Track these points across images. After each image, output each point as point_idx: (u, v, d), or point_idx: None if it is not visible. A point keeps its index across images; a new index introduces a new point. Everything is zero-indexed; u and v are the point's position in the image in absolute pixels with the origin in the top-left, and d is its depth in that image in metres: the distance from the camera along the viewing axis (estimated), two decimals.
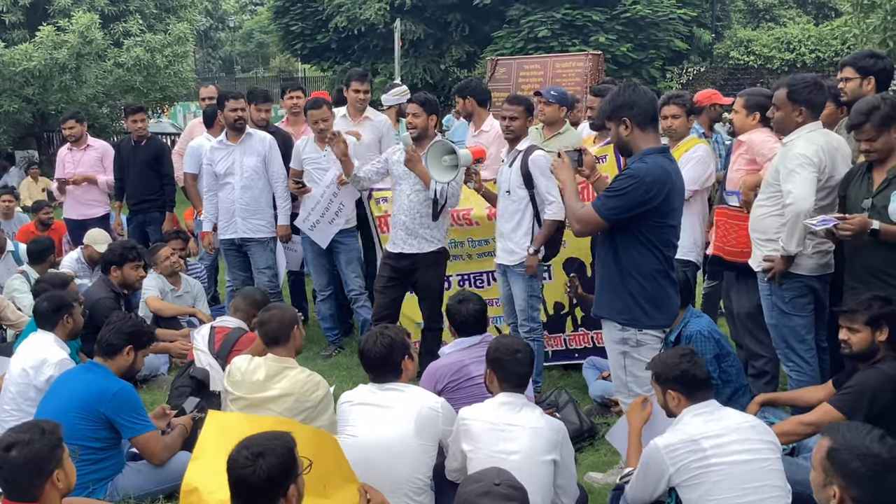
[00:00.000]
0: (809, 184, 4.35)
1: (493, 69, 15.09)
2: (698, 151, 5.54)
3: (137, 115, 8.03)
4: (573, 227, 4.07)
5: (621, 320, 3.96)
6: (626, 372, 4.01)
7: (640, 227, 3.86)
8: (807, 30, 23.12)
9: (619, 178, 3.88)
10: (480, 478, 2.64)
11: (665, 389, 3.54)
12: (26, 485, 2.97)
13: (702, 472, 3.25)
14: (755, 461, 3.25)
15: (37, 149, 18.44)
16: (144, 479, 4.16)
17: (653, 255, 3.90)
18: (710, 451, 3.27)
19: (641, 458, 3.49)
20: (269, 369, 4.12)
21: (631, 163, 3.91)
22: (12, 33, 16.90)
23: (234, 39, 39.29)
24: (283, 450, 2.77)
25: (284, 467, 2.75)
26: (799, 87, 4.48)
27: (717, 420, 3.37)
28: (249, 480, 2.71)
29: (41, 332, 4.73)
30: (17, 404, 4.44)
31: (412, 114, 5.63)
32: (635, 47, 19.27)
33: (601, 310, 4.10)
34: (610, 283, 3.99)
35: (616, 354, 4.04)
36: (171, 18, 18.63)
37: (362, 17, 20.25)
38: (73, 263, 7.51)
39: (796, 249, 4.42)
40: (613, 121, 3.95)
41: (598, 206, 3.85)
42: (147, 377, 6.00)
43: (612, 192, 3.84)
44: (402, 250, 5.69)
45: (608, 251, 4.00)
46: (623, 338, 3.97)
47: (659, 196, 3.80)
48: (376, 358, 3.86)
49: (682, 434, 3.35)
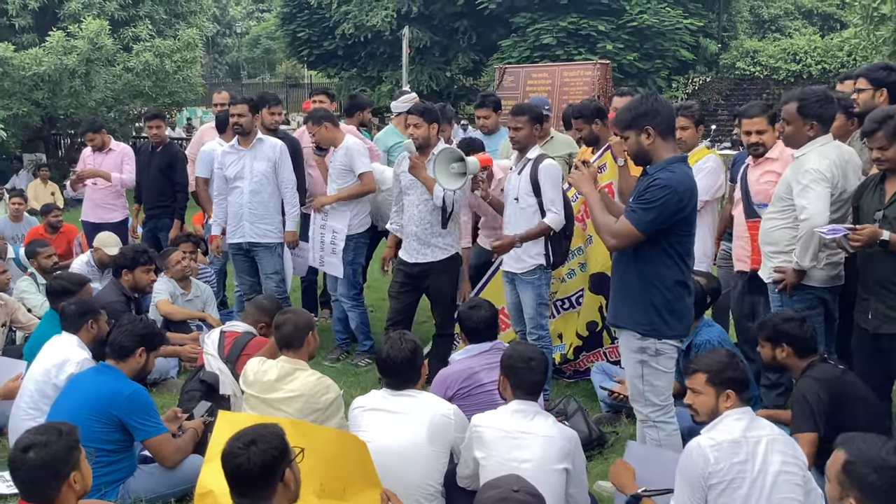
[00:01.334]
0: (824, 199, 4.37)
1: (500, 77, 15.14)
2: (709, 162, 5.56)
3: (153, 122, 8.07)
4: (608, 242, 3.97)
5: (642, 330, 3.94)
6: (644, 381, 4.00)
7: (667, 238, 3.85)
8: (813, 41, 23.17)
9: (650, 190, 3.81)
10: (499, 484, 2.65)
11: (723, 390, 3.45)
12: (43, 486, 2.97)
13: (739, 477, 3.22)
14: (785, 473, 3.23)
15: (45, 152, 18.50)
16: (156, 482, 4.17)
17: (676, 266, 3.90)
18: (749, 455, 3.24)
19: (679, 465, 3.40)
20: (280, 370, 4.15)
21: (653, 172, 3.87)
22: (22, 37, 17.00)
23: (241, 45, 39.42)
24: (273, 436, 2.81)
25: (276, 452, 2.78)
26: (810, 101, 4.49)
27: (757, 428, 3.34)
28: (244, 468, 2.75)
29: (65, 334, 4.76)
30: (34, 402, 4.45)
31: (413, 124, 5.64)
32: (641, 57, 19.35)
33: (619, 320, 4.07)
34: (631, 294, 3.97)
35: (634, 363, 4.01)
36: (181, 24, 18.73)
37: (369, 24, 20.35)
38: (83, 266, 7.53)
39: (810, 265, 4.44)
40: (633, 129, 3.90)
41: (635, 220, 3.80)
42: (157, 380, 6.01)
43: (646, 204, 3.78)
44: (417, 260, 5.72)
45: (628, 261, 3.96)
46: (642, 347, 3.95)
47: (690, 205, 3.83)
48: (400, 364, 3.85)
49: (726, 433, 3.31)
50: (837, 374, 4.08)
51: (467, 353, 4.59)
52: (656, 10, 19.39)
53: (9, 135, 14.85)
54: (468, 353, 4.59)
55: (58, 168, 17.71)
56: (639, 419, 4.13)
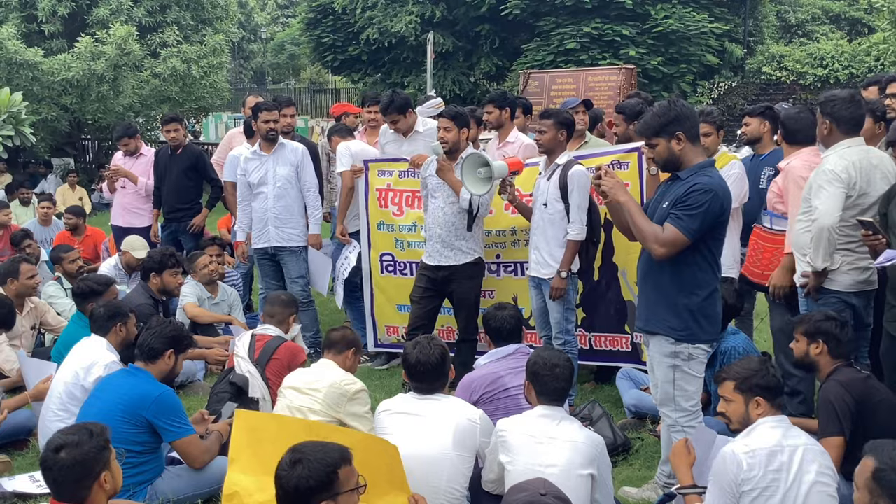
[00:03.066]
0: (835, 200, 4.35)
1: (525, 82, 15.14)
2: (735, 168, 5.53)
3: (170, 126, 8.12)
4: (656, 252, 3.86)
5: (677, 336, 3.92)
6: (675, 386, 3.98)
7: (705, 242, 3.87)
8: (840, 46, 22.94)
9: (692, 195, 3.78)
10: (526, 487, 2.66)
11: (751, 397, 3.45)
12: (74, 486, 3.01)
13: (773, 486, 3.21)
14: (819, 484, 3.22)
15: (73, 156, 18.73)
16: (185, 484, 4.21)
17: (710, 270, 3.92)
18: (783, 464, 3.23)
19: (713, 470, 3.40)
20: (316, 364, 4.49)
21: (688, 176, 3.86)
22: (51, 43, 17.22)
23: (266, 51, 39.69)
24: (319, 465, 2.79)
25: (314, 482, 2.77)
26: (829, 100, 4.53)
27: (793, 437, 3.33)
28: (282, 484, 2.82)
29: (94, 336, 4.82)
30: (62, 404, 4.51)
31: (443, 128, 5.63)
32: (666, 61, 19.23)
33: (652, 325, 4.03)
34: (666, 299, 3.94)
35: (665, 368, 3.99)
36: (208, 30, 18.88)
37: (393, 30, 20.41)
38: (111, 270, 7.61)
39: (823, 265, 4.41)
40: (663, 136, 3.88)
41: (683, 227, 3.77)
42: (184, 383, 6.06)
43: (691, 210, 3.76)
44: (440, 263, 5.72)
45: (662, 267, 3.93)
46: (675, 352, 3.94)
47: (728, 209, 3.86)
48: (430, 368, 3.85)
49: (761, 441, 3.30)
50: (861, 379, 4.04)
51: (492, 357, 4.59)
52: (681, 15, 19.26)
53: (38, 139, 15.04)
54: (492, 357, 4.59)
55: (86, 172, 17.92)
56: (666, 424, 4.11)
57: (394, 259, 6.56)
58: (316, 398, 4.26)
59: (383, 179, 6.48)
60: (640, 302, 4.17)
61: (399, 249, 6.53)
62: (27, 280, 6.28)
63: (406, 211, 6.47)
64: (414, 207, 6.42)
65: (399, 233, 6.52)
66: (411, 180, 6.38)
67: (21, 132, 12.83)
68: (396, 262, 6.56)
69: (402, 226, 6.50)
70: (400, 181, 6.46)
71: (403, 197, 6.47)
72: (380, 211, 6.52)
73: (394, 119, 6.47)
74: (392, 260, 6.57)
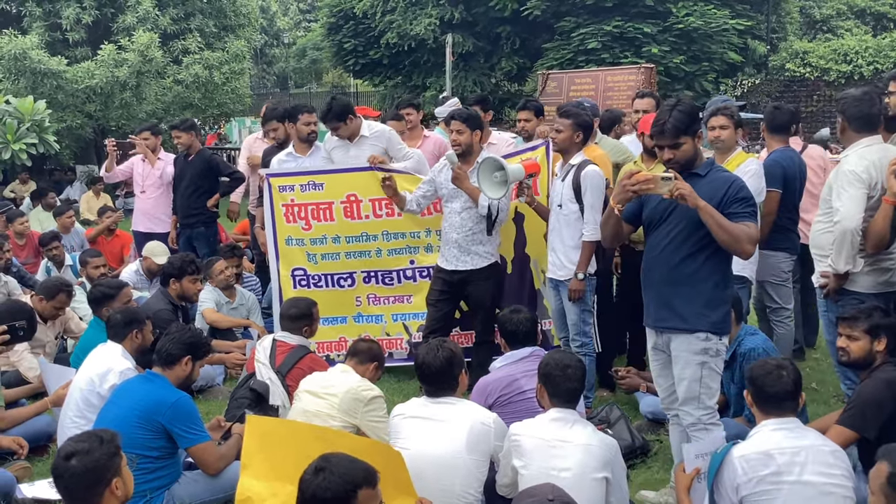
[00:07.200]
0: (856, 202, 4.31)
1: (544, 83, 15.09)
2: (752, 165, 5.44)
3: (174, 132, 8.25)
4: (749, 251, 3.82)
5: (716, 330, 3.88)
6: (702, 384, 3.90)
7: None
8: (864, 41, 22.66)
9: (743, 188, 3.83)
10: (535, 493, 2.65)
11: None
12: (86, 493, 3.02)
13: (773, 489, 3.18)
14: (829, 485, 3.17)
15: (97, 163, 18.93)
16: (201, 489, 4.22)
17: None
18: (783, 467, 3.20)
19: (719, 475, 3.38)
20: (334, 368, 4.54)
21: (716, 172, 3.92)
22: (75, 51, 17.42)
23: (289, 56, 39.84)
24: (340, 480, 2.81)
25: (330, 495, 2.79)
26: (842, 97, 4.53)
27: (796, 438, 3.30)
28: (302, 489, 2.85)
29: (110, 343, 4.85)
30: (79, 410, 4.54)
31: (456, 130, 5.58)
32: (688, 59, 19.03)
33: (690, 323, 3.89)
34: (704, 294, 3.86)
35: (694, 366, 3.89)
36: (230, 36, 19.01)
37: (412, 33, 20.43)
38: (132, 275, 7.69)
39: (845, 268, 4.35)
40: (690, 135, 3.86)
41: (754, 218, 3.82)
42: (203, 387, 6.09)
43: (749, 205, 3.80)
44: (456, 267, 5.69)
45: (699, 263, 3.86)
46: (705, 348, 3.86)
47: None
48: (436, 371, 3.87)
49: (758, 445, 3.30)
50: None
51: (507, 360, 4.57)
52: (703, 12, 19.05)
53: (62, 146, 15.23)
54: (508, 360, 4.57)
55: None
56: (687, 423, 4.01)
57: (306, 273, 6.50)
58: (332, 403, 4.26)
59: (286, 195, 6.40)
60: (656, 302, 4.04)
61: (311, 263, 6.47)
62: (56, 306, 6.27)
63: (314, 224, 6.41)
64: (321, 220, 6.39)
65: (311, 246, 6.45)
66: (314, 193, 6.36)
67: (44, 139, 13.01)
68: (309, 276, 6.49)
69: (313, 239, 6.43)
70: (302, 195, 6.39)
71: (308, 210, 6.40)
72: (287, 226, 6.44)
73: (334, 126, 6.38)
74: (304, 274, 6.50)
